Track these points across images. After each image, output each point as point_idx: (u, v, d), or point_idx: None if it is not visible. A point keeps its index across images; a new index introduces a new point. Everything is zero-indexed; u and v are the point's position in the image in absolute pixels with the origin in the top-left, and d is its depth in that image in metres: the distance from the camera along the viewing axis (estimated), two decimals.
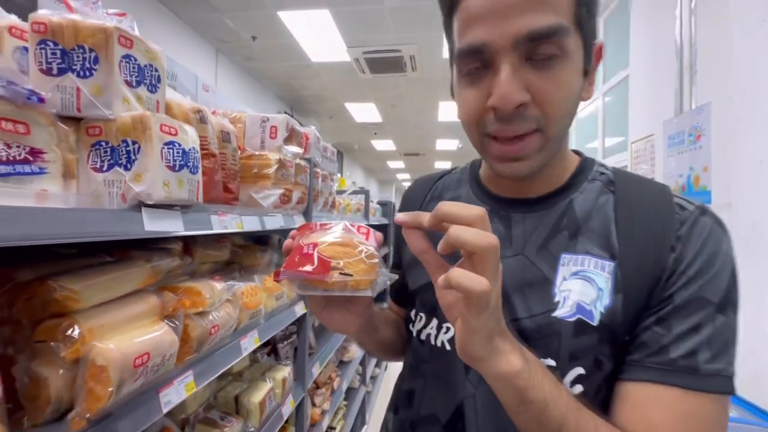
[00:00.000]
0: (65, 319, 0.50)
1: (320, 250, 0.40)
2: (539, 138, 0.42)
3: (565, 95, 0.42)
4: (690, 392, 0.39)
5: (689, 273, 0.41)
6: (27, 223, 0.44)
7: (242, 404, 1.01)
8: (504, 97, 0.39)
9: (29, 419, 0.49)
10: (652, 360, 0.41)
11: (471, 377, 0.48)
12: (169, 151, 0.59)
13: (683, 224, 0.43)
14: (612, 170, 0.51)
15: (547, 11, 0.38)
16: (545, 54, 0.39)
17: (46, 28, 0.55)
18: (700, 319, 0.40)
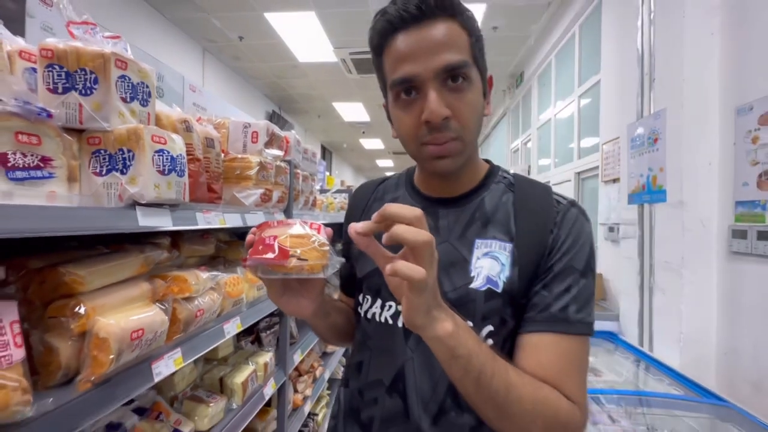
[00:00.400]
0: (73, 299, 0.60)
1: (280, 241, 0.49)
2: (459, 144, 0.56)
3: (473, 111, 0.56)
4: (564, 335, 0.53)
5: (563, 249, 0.56)
6: (42, 219, 0.54)
7: (226, 384, 1.11)
8: (434, 112, 0.53)
9: (43, 382, 0.59)
10: (540, 315, 0.55)
11: (410, 344, 0.59)
12: (160, 157, 0.70)
13: (558, 214, 0.59)
14: (512, 175, 0.66)
15: (456, 51, 0.53)
16: (457, 81, 0.54)
17: (53, 54, 0.64)
18: (570, 282, 0.55)
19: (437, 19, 0.53)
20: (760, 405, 1.47)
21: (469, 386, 0.47)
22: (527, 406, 0.47)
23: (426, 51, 0.52)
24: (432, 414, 0.57)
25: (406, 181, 0.71)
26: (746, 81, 1.62)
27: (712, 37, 1.80)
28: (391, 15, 0.54)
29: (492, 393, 0.46)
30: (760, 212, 1.52)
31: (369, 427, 0.61)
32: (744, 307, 1.62)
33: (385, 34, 0.56)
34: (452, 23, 0.54)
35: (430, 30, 0.53)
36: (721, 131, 1.75)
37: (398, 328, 0.61)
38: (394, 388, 0.60)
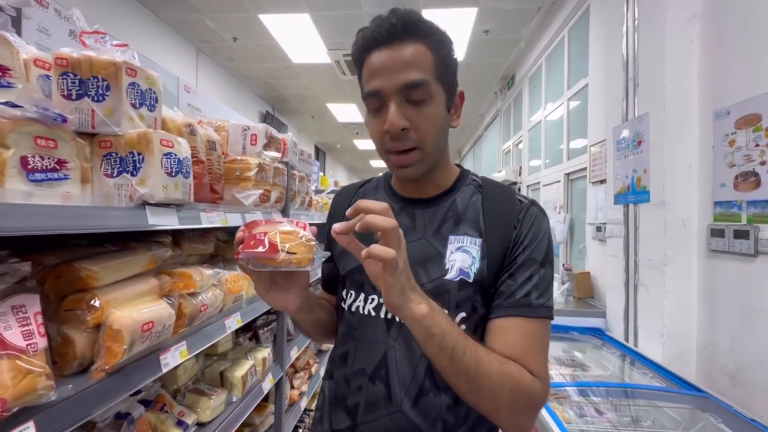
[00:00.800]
0: (88, 292, 0.64)
1: (270, 237, 0.53)
2: (419, 153, 0.63)
3: (432, 124, 0.62)
4: (527, 319, 0.60)
5: (525, 243, 0.64)
6: (60, 217, 0.58)
7: (227, 378, 1.15)
8: (392, 123, 0.60)
9: (59, 371, 0.63)
10: (506, 302, 0.62)
11: (392, 333, 0.65)
12: (168, 160, 0.74)
13: (521, 212, 0.66)
14: (480, 178, 0.74)
15: (417, 70, 0.60)
16: (417, 96, 0.60)
17: (67, 63, 0.68)
18: (531, 272, 0.63)
19: (405, 42, 0.60)
20: (736, 395, 1.55)
21: (443, 361, 0.52)
22: (495, 378, 0.53)
23: (390, 69, 0.59)
24: (412, 396, 0.62)
25: (385, 183, 0.78)
26: (723, 87, 1.70)
27: (692, 45, 1.88)
28: (367, 34, 0.61)
29: (464, 368, 0.52)
30: (736, 212, 1.60)
31: (354, 412, 0.65)
32: (721, 302, 1.69)
33: (363, 51, 0.63)
34: (419, 45, 0.60)
35: (397, 51, 0.59)
36: (701, 135, 1.83)
37: (380, 318, 0.66)
38: (377, 375, 0.64)
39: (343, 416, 0.66)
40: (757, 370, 1.50)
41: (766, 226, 1.46)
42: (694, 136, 1.86)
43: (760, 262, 1.49)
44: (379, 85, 0.60)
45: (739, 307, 1.59)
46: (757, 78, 1.51)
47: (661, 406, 1.54)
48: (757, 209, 1.50)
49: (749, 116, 1.54)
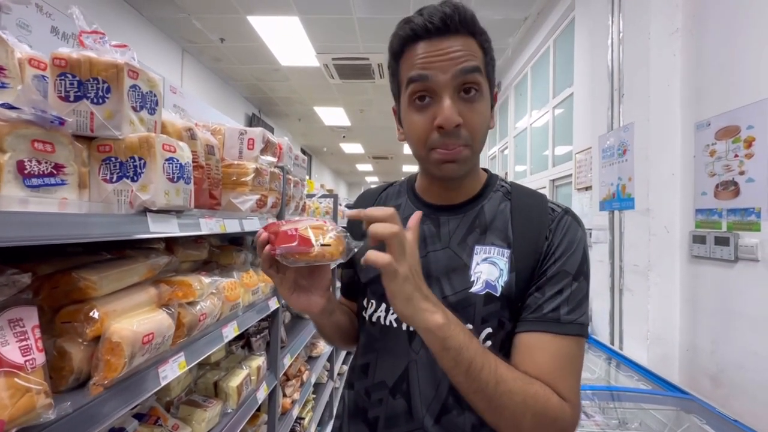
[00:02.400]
0: (86, 303, 0.62)
1: (301, 232, 0.52)
2: (468, 150, 0.59)
3: (482, 121, 0.60)
4: (556, 336, 0.56)
5: (556, 254, 0.60)
6: (59, 226, 0.55)
7: (221, 388, 1.12)
8: (448, 119, 0.56)
9: (55, 386, 0.60)
10: (532, 316, 0.58)
11: (414, 346, 0.62)
12: (170, 165, 0.72)
13: (553, 221, 0.62)
14: (509, 184, 0.70)
15: (472, 59, 0.58)
16: (470, 89, 0.57)
17: (66, 63, 0.65)
18: (562, 286, 0.58)
19: (458, 35, 0.57)
20: (717, 397, 1.60)
21: (459, 377, 0.50)
22: (517, 399, 0.50)
23: (445, 59, 0.56)
24: (435, 413, 0.59)
25: (408, 189, 0.74)
26: (704, 99, 1.78)
27: (674, 58, 1.96)
28: (417, 24, 0.58)
29: (482, 385, 0.49)
30: (717, 219, 1.67)
31: (374, 426, 0.63)
32: (703, 307, 1.76)
33: (408, 41, 0.59)
34: (471, 40, 0.58)
35: (451, 42, 0.57)
36: (683, 145, 1.90)
37: (402, 330, 0.63)
38: (398, 388, 0.62)
39: (362, 429, 0.64)
40: (737, 372, 1.56)
41: (745, 233, 1.52)
42: (677, 145, 1.94)
43: (739, 268, 1.55)
44: (431, 74, 0.56)
45: (719, 312, 1.65)
46: (735, 91, 1.59)
47: (647, 408, 1.58)
48: (737, 217, 1.57)
49: (728, 128, 1.61)
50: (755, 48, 1.51)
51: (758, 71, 1.49)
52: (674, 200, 1.94)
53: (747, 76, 1.54)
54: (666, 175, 1.96)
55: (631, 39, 2.17)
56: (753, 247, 1.48)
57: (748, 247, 1.50)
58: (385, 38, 0.60)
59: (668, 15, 1.96)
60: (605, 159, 2.40)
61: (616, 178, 2.26)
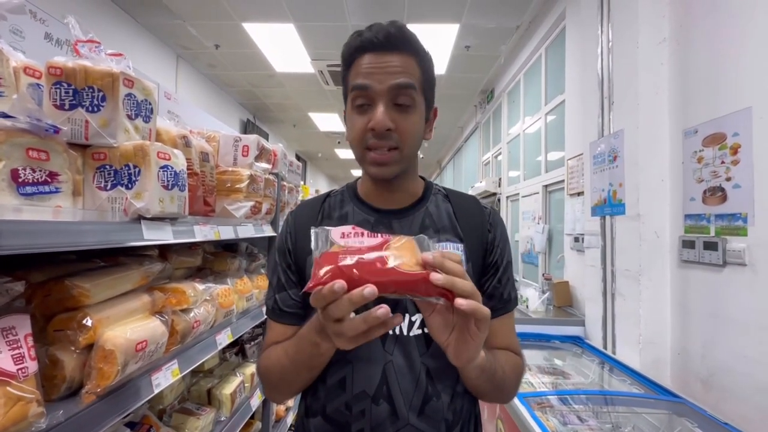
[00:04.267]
0: (79, 311, 0.61)
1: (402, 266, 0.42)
2: (397, 153, 0.65)
3: (412, 128, 0.65)
4: (509, 313, 0.71)
5: (500, 246, 0.72)
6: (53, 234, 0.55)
7: (215, 396, 1.11)
8: (379, 122, 0.62)
9: (47, 395, 0.59)
10: (499, 304, 0.70)
11: (387, 347, 0.64)
12: (164, 173, 0.72)
13: (489, 215, 0.74)
14: (443, 188, 0.78)
15: (406, 76, 0.63)
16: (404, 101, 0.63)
17: (61, 72, 0.66)
18: (509, 274, 0.72)
19: (398, 51, 0.63)
20: (709, 400, 1.62)
21: (484, 384, 0.60)
22: (511, 377, 0.65)
23: (383, 71, 0.63)
24: (417, 407, 0.63)
25: (351, 195, 0.75)
26: (691, 107, 1.82)
27: (662, 67, 2.00)
28: (365, 38, 0.64)
29: (496, 382, 0.60)
30: (705, 225, 1.70)
31: None
32: (693, 311, 1.78)
33: (356, 51, 0.65)
34: (410, 58, 0.64)
35: (391, 57, 0.63)
36: (672, 151, 1.94)
37: None
38: (380, 394, 0.63)
39: None
40: (727, 375, 1.58)
41: (733, 238, 1.55)
42: (666, 152, 1.97)
43: (728, 273, 1.58)
44: (370, 84, 0.62)
45: (709, 316, 1.68)
46: (721, 99, 1.63)
47: (640, 412, 1.59)
48: (725, 222, 1.59)
49: (715, 135, 1.65)
50: (739, 57, 1.55)
51: (743, 80, 1.53)
52: (664, 206, 1.98)
53: (732, 84, 1.58)
54: (655, 181, 2.00)
55: (620, 48, 2.22)
56: (740, 252, 1.50)
57: (736, 252, 1.53)
58: None
59: (656, 25, 2.01)
60: (596, 165, 2.44)
61: (607, 184, 2.30)
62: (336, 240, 0.45)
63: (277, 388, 0.68)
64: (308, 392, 0.69)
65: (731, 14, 1.60)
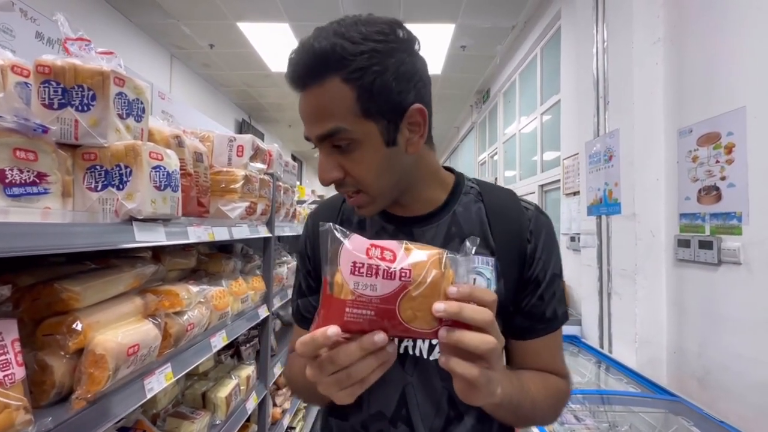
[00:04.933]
0: (69, 315, 0.60)
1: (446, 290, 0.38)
2: (365, 196, 0.56)
3: (366, 168, 0.54)
4: (555, 331, 0.62)
5: (543, 258, 0.61)
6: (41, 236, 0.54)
7: (209, 399, 1.10)
8: (321, 176, 0.55)
9: (36, 401, 0.58)
10: (539, 325, 0.61)
11: (407, 369, 0.59)
12: (156, 173, 0.71)
13: (530, 221, 0.62)
14: (477, 183, 0.66)
15: (327, 120, 0.51)
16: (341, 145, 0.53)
17: (50, 70, 0.64)
18: (555, 288, 0.62)
19: (316, 83, 0.50)
20: (704, 398, 1.63)
21: (507, 416, 0.53)
22: (544, 406, 0.56)
23: (307, 119, 0.54)
24: (438, 430, 0.58)
25: None
26: (686, 106, 1.83)
27: (657, 67, 2.01)
28: (288, 74, 0.54)
29: (524, 414, 0.53)
30: (700, 223, 1.71)
31: None
32: (689, 310, 1.79)
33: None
34: (332, 82, 0.50)
35: (309, 97, 0.52)
36: (667, 151, 1.95)
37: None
38: (398, 416, 0.59)
39: None
40: (723, 373, 1.59)
41: (727, 237, 1.56)
42: (661, 151, 1.98)
43: (723, 271, 1.58)
44: (306, 133, 0.55)
45: (705, 314, 1.69)
46: (715, 99, 1.63)
47: (637, 411, 1.60)
48: (719, 221, 1.60)
49: (710, 134, 1.66)
50: (733, 57, 1.56)
51: (736, 80, 1.53)
52: (659, 205, 1.98)
53: (726, 84, 1.59)
54: (651, 180, 2.00)
55: (615, 48, 2.23)
56: (735, 251, 1.51)
57: (731, 251, 1.53)
58: None
59: (650, 25, 2.02)
60: (592, 165, 2.44)
61: (603, 184, 2.30)
62: (346, 275, 0.37)
63: (299, 396, 0.68)
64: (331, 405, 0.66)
65: (725, 14, 1.61)
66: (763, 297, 1.40)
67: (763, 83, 1.41)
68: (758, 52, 1.44)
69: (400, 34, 0.54)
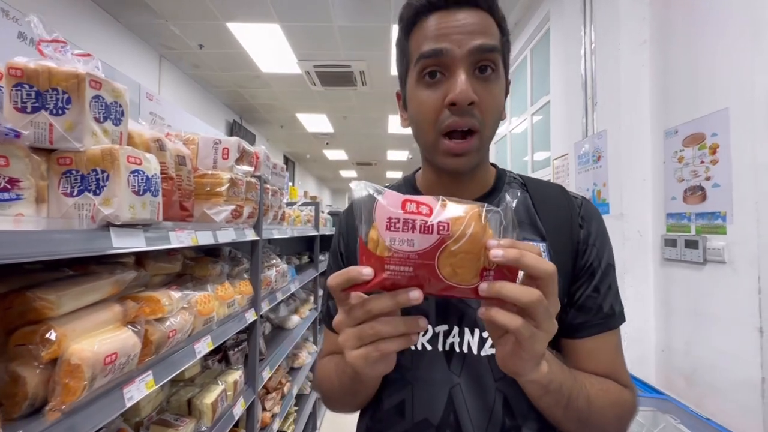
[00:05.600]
0: (42, 324, 0.59)
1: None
2: (477, 139, 0.53)
3: (496, 105, 0.53)
4: (612, 331, 0.56)
5: (597, 245, 0.57)
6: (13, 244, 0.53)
7: (195, 406, 1.08)
8: (462, 94, 0.49)
9: (7, 414, 0.56)
10: (595, 319, 0.55)
11: (453, 368, 0.54)
12: (135, 178, 0.69)
13: (581, 207, 0.59)
14: (519, 176, 0.65)
15: (490, 37, 0.52)
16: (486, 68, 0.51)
17: (22, 73, 0.63)
18: (611, 280, 0.57)
19: (476, 9, 0.52)
20: (692, 396, 1.64)
21: (557, 412, 0.48)
22: (605, 411, 0.51)
23: (461, 31, 0.51)
24: None
25: (410, 188, 0.66)
26: (671, 107, 1.85)
27: (643, 68, 2.04)
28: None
29: (577, 412, 0.48)
30: (686, 223, 1.73)
31: None
32: (676, 308, 1.81)
33: (421, 12, 0.53)
34: (489, 18, 0.53)
35: (469, 15, 0.51)
36: (653, 151, 1.97)
37: (438, 352, 0.55)
38: (446, 424, 0.53)
39: None
40: (709, 371, 1.60)
41: (713, 236, 1.58)
42: (648, 152, 2.00)
43: (708, 270, 1.60)
44: (445, 48, 0.50)
45: (691, 313, 1.71)
46: (700, 100, 1.66)
47: None
48: (704, 221, 1.62)
49: (695, 135, 1.68)
50: (716, 59, 1.58)
51: (720, 81, 1.56)
52: (646, 205, 2.00)
53: (709, 85, 1.61)
54: (638, 180, 2.03)
55: (603, 50, 2.25)
56: (720, 250, 1.53)
57: (716, 250, 1.55)
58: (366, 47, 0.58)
59: (636, 27, 2.04)
60: (581, 165, 2.46)
61: (592, 184, 2.32)
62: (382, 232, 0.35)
63: (331, 403, 0.62)
64: (367, 412, 0.61)
65: (707, 17, 1.63)
66: (746, 295, 1.42)
67: (744, 85, 1.44)
68: (739, 54, 1.46)
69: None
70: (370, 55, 4.43)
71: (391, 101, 5.92)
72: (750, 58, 1.42)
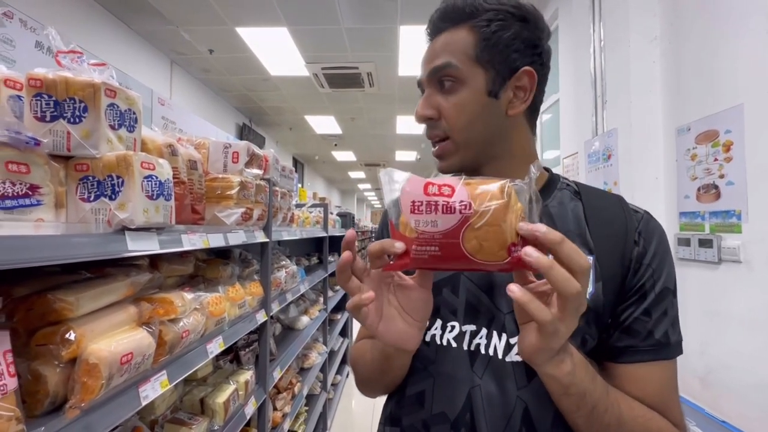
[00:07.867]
0: (62, 325, 0.61)
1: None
2: (450, 144, 0.57)
3: (460, 111, 0.55)
4: (666, 362, 0.52)
5: (653, 266, 0.53)
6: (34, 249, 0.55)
7: (207, 405, 1.11)
8: (416, 113, 0.58)
9: (29, 411, 0.59)
10: (644, 344, 0.51)
11: (476, 369, 0.54)
12: (148, 183, 0.71)
13: (639, 223, 0.55)
14: (576, 183, 0.62)
15: (441, 56, 0.56)
16: (445, 84, 0.56)
17: (42, 84, 0.65)
18: (666, 305, 0.52)
19: (450, 28, 0.56)
20: (706, 398, 1.61)
21: (579, 420, 0.46)
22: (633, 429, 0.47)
23: (426, 59, 0.58)
24: None
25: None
26: (684, 104, 1.82)
27: (654, 65, 2.01)
28: (426, 32, 0.60)
29: (603, 427, 0.46)
30: (700, 222, 1.70)
31: None
32: (690, 308, 1.78)
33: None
34: (459, 30, 0.55)
35: (435, 42, 0.57)
36: (665, 149, 1.94)
37: (463, 351, 0.55)
38: (461, 421, 0.53)
39: None
40: (725, 372, 1.57)
41: (727, 235, 1.55)
42: (659, 150, 1.97)
43: (723, 270, 1.57)
44: (421, 76, 0.59)
45: (706, 313, 1.67)
46: (713, 97, 1.62)
47: None
48: (719, 219, 1.59)
49: (708, 132, 1.65)
50: (729, 55, 1.55)
51: (733, 77, 1.53)
52: (659, 203, 1.97)
53: (723, 81, 1.58)
54: (650, 179, 2.00)
55: (612, 47, 2.22)
56: (735, 249, 1.50)
57: (731, 249, 1.52)
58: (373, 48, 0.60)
59: (647, 24, 2.01)
60: (591, 164, 2.44)
61: (602, 183, 2.29)
62: (407, 215, 0.37)
63: (363, 383, 0.65)
64: (393, 397, 0.62)
65: (721, 11, 1.60)
66: (763, 295, 1.39)
67: (760, 80, 1.41)
68: (755, 49, 1.44)
69: (533, 11, 0.56)
70: (378, 57, 4.45)
71: (399, 101, 5.93)
72: (766, 52, 1.39)
